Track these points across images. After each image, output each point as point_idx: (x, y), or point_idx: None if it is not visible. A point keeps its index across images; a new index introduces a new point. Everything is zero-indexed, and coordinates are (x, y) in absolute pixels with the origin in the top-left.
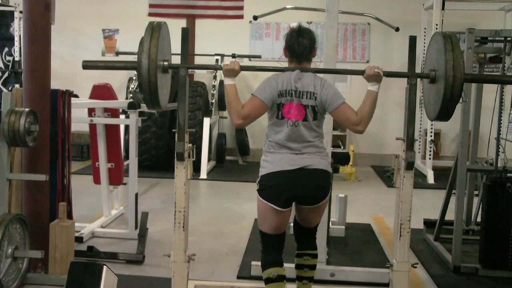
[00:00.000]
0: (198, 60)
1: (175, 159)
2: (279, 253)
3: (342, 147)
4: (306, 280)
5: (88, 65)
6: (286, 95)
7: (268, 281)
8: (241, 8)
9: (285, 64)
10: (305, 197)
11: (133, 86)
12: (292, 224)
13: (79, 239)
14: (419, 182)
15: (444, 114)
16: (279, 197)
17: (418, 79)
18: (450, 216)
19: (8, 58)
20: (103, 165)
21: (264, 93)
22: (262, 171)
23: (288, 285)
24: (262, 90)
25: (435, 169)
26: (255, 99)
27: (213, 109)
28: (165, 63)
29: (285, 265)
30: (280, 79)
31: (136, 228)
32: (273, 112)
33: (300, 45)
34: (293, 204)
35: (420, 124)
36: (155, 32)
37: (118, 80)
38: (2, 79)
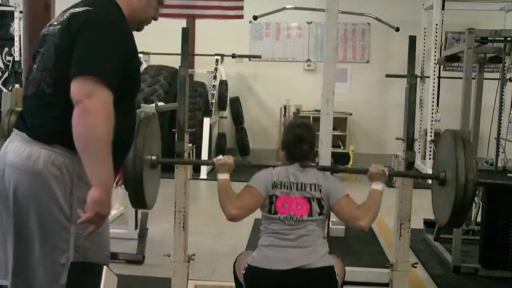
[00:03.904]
0: (198, 60)
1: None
2: None
3: (342, 147)
4: None
5: None
6: (281, 187)
7: None
8: (241, 8)
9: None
10: None
11: None
12: None
13: None
14: (419, 182)
15: (455, 220)
16: None
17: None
18: None
19: (8, 58)
20: None
21: (259, 181)
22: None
23: None
24: (257, 180)
25: None
26: (251, 188)
27: (213, 109)
28: (153, 157)
29: None
30: (276, 170)
31: (136, 228)
32: (265, 206)
33: (299, 152)
34: None
35: (420, 124)
36: (141, 127)
37: None
38: (2, 79)
